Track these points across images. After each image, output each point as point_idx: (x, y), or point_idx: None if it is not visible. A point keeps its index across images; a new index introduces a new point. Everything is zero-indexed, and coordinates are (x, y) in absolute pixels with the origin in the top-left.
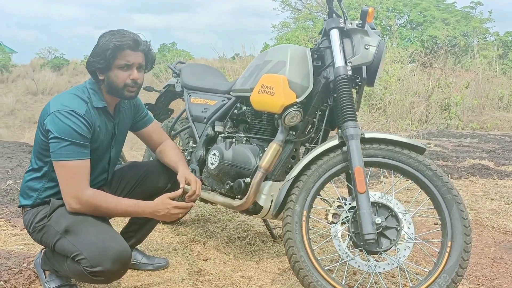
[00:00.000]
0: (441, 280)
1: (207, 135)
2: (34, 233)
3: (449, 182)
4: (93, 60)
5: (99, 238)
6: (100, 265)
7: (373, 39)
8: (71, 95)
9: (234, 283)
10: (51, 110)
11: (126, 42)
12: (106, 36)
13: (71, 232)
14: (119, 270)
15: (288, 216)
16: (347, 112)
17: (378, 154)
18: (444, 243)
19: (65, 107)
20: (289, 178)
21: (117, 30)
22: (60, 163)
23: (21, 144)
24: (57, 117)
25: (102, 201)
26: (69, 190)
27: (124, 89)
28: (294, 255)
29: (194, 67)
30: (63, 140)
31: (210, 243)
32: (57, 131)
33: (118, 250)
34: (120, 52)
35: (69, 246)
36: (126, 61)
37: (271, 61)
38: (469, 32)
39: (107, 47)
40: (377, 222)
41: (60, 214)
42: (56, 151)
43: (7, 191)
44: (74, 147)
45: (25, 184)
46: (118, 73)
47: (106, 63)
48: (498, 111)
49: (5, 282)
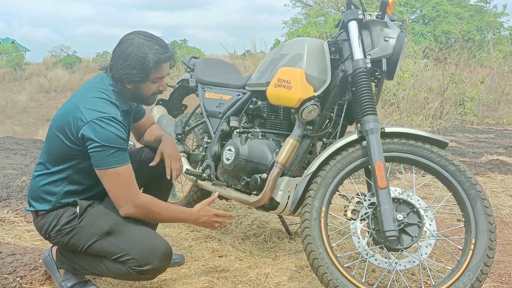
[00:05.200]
0: (465, 278)
1: (222, 130)
2: (58, 236)
3: (472, 177)
4: (127, 73)
5: (144, 238)
6: (150, 263)
7: (393, 31)
8: (100, 100)
9: (251, 280)
10: (88, 118)
11: (166, 58)
12: (138, 46)
13: (114, 233)
14: (165, 266)
15: (307, 212)
16: (366, 105)
17: (398, 149)
18: (468, 240)
19: (104, 114)
20: (307, 174)
21: (143, 34)
22: (110, 170)
23: (35, 141)
24: (98, 125)
25: (154, 206)
26: (122, 195)
27: (150, 97)
28: (313, 252)
29: (208, 62)
30: (110, 148)
31: (225, 239)
32: (102, 139)
33: (165, 248)
34: (159, 66)
35: (111, 247)
36: (160, 74)
37: (287, 55)
38: (483, 27)
39: (147, 63)
40: (399, 218)
41: (94, 216)
42: (104, 160)
43: (22, 187)
44: (121, 152)
45: (40, 189)
46: (149, 85)
47: (143, 77)
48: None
49: (21, 278)
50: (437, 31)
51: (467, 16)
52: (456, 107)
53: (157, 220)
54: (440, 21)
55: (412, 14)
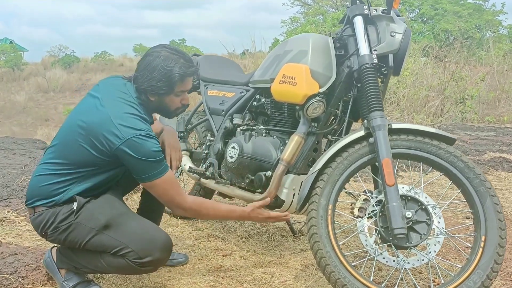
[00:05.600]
0: (475, 276)
1: (226, 128)
2: (55, 233)
3: (481, 174)
4: (152, 85)
5: (142, 230)
6: (150, 255)
7: (399, 26)
8: (134, 117)
9: (256, 279)
10: (125, 136)
11: (191, 72)
12: (164, 59)
13: (111, 227)
14: (166, 257)
15: (313, 210)
16: (373, 101)
17: (406, 146)
18: (477, 237)
19: (140, 131)
20: (313, 171)
21: (168, 48)
22: (156, 181)
23: (34, 141)
24: (138, 142)
25: (203, 208)
26: (170, 200)
27: (173, 112)
28: (320, 250)
29: (210, 59)
30: (150, 162)
31: (228, 238)
32: (141, 156)
33: (164, 239)
34: (184, 80)
35: (110, 241)
36: (184, 88)
37: (292, 51)
38: (482, 25)
39: (173, 76)
40: (407, 216)
41: (91, 210)
42: (147, 174)
43: (23, 187)
44: (159, 164)
45: (45, 187)
46: (173, 99)
47: (167, 90)
48: None
49: (23, 278)
50: (436, 29)
51: (465, 14)
52: (457, 105)
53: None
54: (438, 19)
55: (410, 12)
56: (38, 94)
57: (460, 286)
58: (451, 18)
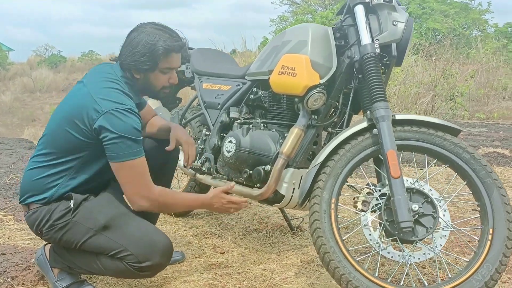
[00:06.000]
0: (484, 270)
1: (222, 121)
2: (50, 232)
3: (488, 165)
4: (135, 60)
5: (143, 233)
6: (149, 259)
7: (401, 15)
8: (115, 91)
9: (256, 277)
10: (104, 109)
11: (176, 47)
12: (149, 34)
13: (110, 228)
14: (166, 262)
15: (316, 204)
16: (376, 92)
17: (410, 137)
18: (484, 230)
19: (121, 105)
20: (315, 164)
21: (155, 25)
22: (127, 163)
23: (21, 141)
24: (116, 116)
25: (170, 198)
26: (136, 190)
27: (160, 91)
28: (324, 245)
29: (204, 52)
30: (128, 139)
31: (225, 235)
32: (119, 131)
33: (165, 243)
34: (168, 55)
35: (108, 243)
36: (170, 65)
37: (290, 41)
38: (468, 24)
39: (156, 49)
40: (414, 208)
41: (89, 210)
42: (121, 152)
43: (10, 185)
44: (137, 145)
45: (38, 181)
46: (159, 76)
47: (151, 65)
48: (503, 101)
49: (12, 279)
50: (423, 28)
51: (452, 13)
52: (447, 102)
53: (171, 211)
54: (426, 18)
55: None
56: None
57: (468, 280)
58: (438, 17)
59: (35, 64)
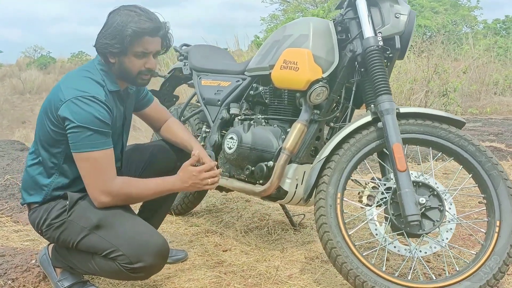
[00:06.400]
0: (491, 262)
1: (222, 118)
2: (49, 231)
3: (493, 157)
4: (106, 43)
5: (136, 233)
6: (141, 260)
7: (403, 7)
8: (84, 78)
9: (261, 274)
10: (67, 97)
11: (147, 28)
12: (122, 16)
13: (103, 227)
14: (160, 264)
15: (321, 200)
16: (381, 85)
17: (415, 130)
18: (491, 223)
19: (83, 93)
20: (320, 159)
21: (133, 7)
22: (84, 154)
23: (12, 142)
24: (76, 104)
25: (132, 188)
26: (96, 184)
27: (137, 77)
28: (330, 241)
29: (202, 48)
30: (86, 129)
31: (227, 233)
32: (78, 120)
33: (158, 244)
34: (139, 39)
35: (101, 242)
36: (144, 48)
37: (291, 35)
38: (458, 20)
39: (125, 31)
40: (421, 202)
41: (84, 208)
42: (78, 142)
43: (6, 186)
44: (98, 136)
45: (31, 179)
46: (133, 60)
47: (121, 48)
48: (495, 96)
49: (13, 281)
50: None
51: (442, 10)
52: (440, 97)
53: (141, 200)
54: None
55: None
56: (13, 96)
57: (476, 273)
58: (428, 14)
59: (24, 65)
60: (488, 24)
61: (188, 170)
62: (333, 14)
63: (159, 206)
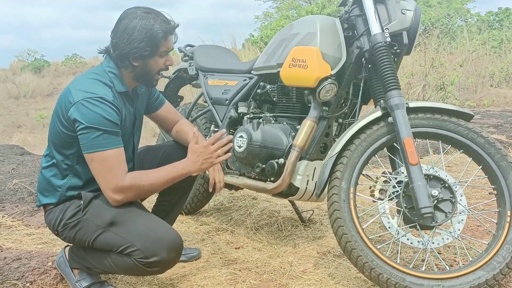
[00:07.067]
0: (504, 251)
1: (231, 117)
2: (65, 231)
3: (502, 148)
4: (135, 47)
5: (150, 228)
6: (156, 255)
7: (409, 3)
8: (92, 80)
9: (275, 270)
10: (75, 99)
11: (171, 28)
12: (142, 19)
13: (117, 224)
14: (175, 258)
15: (335, 195)
16: (390, 80)
17: (424, 124)
18: (502, 213)
19: (92, 94)
20: (332, 155)
21: (144, 9)
22: (95, 154)
23: (12, 147)
24: (85, 105)
25: (144, 181)
26: (108, 183)
27: (155, 76)
28: (345, 235)
29: (207, 48)
30: (95, 130)
31: (238, 231)
32: (87, 121)
33: (172, 238)
34: (167, 38)
35: (115, 239)
36: (167, 47)
37: (299, 34)
38: (451, 14)
39: (156, 34)
40: (434, 194)
41: (98, 207)
42: (89, 143)
43: (15, 190)
44: (108, 135)
45: (46, 181)
46: (157, 60)
47: (152, 50)
48: (491, 88)
49: (31, 284)
50: None
51: (435, 3)
52: (438, 91)
53: (154, 191)
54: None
55: None
56: (8, 100)
57: (490, 262)
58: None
59: (18, 69)
60: (482, 16)
61: (194, 149)
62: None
63: (171, 207)
